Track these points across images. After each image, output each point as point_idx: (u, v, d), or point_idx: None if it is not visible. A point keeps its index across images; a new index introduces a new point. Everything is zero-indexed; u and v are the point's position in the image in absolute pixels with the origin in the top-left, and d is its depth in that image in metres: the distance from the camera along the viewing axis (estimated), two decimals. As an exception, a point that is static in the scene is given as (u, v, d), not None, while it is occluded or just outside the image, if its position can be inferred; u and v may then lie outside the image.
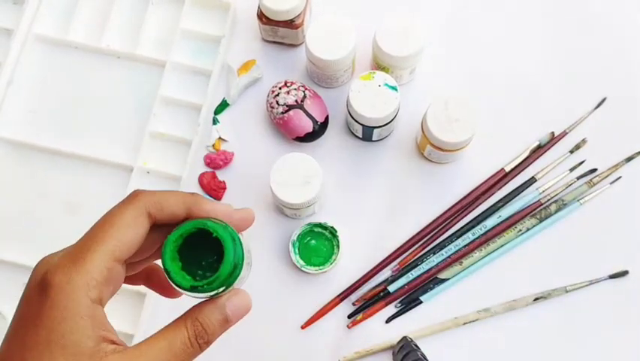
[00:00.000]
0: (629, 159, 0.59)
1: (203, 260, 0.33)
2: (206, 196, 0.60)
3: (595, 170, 0.59)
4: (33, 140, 0.60)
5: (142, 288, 0.57)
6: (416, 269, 0.58)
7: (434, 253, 0.58)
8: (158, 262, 0.34)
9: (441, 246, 0.58)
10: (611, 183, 0.59)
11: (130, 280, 0.35)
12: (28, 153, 0.61)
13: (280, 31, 0.59)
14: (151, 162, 0.60)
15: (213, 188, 0.59)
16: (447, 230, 0.59)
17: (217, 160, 0.60)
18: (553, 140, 0.60)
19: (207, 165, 0.60)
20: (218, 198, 0.59)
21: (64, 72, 0.62)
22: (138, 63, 0.62)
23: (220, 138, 0.61)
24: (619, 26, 0.62)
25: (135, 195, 0.32)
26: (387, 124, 0.56)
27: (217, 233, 0.32)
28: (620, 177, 0.59)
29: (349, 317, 0.57)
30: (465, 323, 0.56)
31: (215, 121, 0.61)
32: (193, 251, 0.33)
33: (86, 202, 0.59)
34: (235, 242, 0.33)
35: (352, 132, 0.60)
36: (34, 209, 0.60)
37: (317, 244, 0.57)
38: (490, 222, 0.58)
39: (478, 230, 0.58)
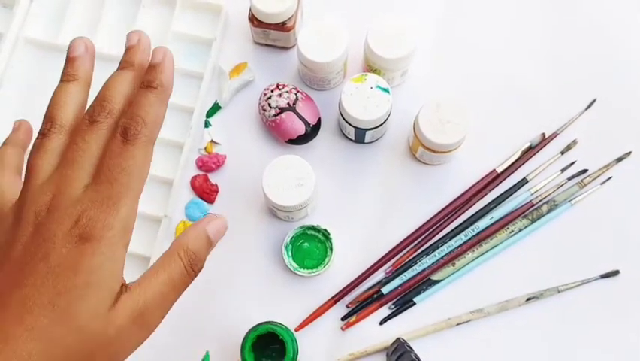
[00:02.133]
0: (619, 160, 0.60)
1: (267, 347, 0.52)
2: (199, 199, 0.59)
3: (585, 171, 0.59)
4: (23, 144, 0.60)
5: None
6: (409, 271, 0.58)
7: (427, 255, 0.58)
8: None
9: (434, 247, 0.58)
10: (601, 184, 0.59)
11: None
12: (18, 157, 0.60)
13: (272, 33, 0.59)
14: (143, 165, 0.59)
15: (205, 191, 0.59)
16: (440, 231, 0.59)
17: (209, 163, 0.60)
18: (544, 141, 0.60)
19: (199, 168, 0.60)
20: (210, 200, 0.59)
21: (55, 76, 0.61)
22: (129, 66, 0.62)
23: (212, 140, 0.61)
24: (609, 29, 0.62)
25: None
26: (379, 126, 0.56)
27: (282, 337, 0.51)
28: (610, 178, 0.59)
29: (343, 319, 0.57)
30: (458, 324, 0.56)
31: (207, 124, 0.61)
32: (260, 341, 0.51)
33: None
34: (293, 342, 0.52)
35: (344, 134, 0.60)
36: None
37: (310, 246, 0.57)
38: (483, 224, 0.58)
39: (471, 231, 0.58)
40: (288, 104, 0.58)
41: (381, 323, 0.57)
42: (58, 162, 0.33)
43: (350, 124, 0.56)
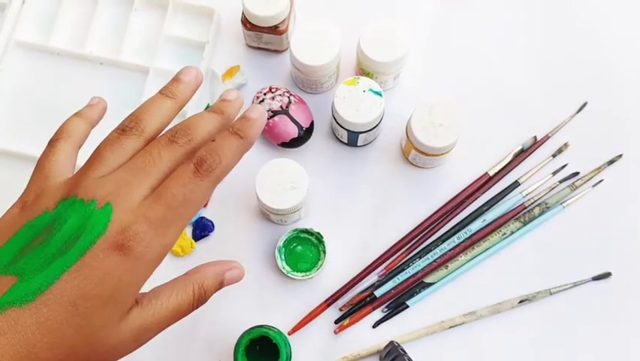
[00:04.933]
0: (610, 162, 0.60)
1: (260, 351, 0.52)
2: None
3: (577, 173, 0.60)
4: (15, 147, 0.59)
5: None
6: (402, 274, 0.58)
7: (420, 258, 0.58)
8: None
9: (426, 250, 0.58)
10: (593, 186, 0.59)
11: None
12: (9, 161, 0.60)
13: (264, 37, 0.59)
14: (135, 168, 0.59)
15: (198, 194, 0.59)
16: (432, 234, 0.59)
17: (202, 166, 0.60)
18: (536, 144, 0.60)
19: (192, 171, 0.60)
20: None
21: (47, 79, 0.62)
22: (121, 69, 0.61)
23: (205, 144, 0.60)
24: (600, 32, 0.63)
25: None
26: (372, 129, 0.56)
27: (275, 340, 0.51)
28: (602, 180, 0.59)
29: (336, 322, 0.57)
30: (451, 327, 0.56)
31: (199, 127, 0.61)
32: (253, 344, 0.52)
33: (69, 210, 0.59)
34: (286, 346, 0.52)
35: (337, 138, 0.60)
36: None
37: (303, 249, 0.57)
38: (475, 226, 0.59)
39: (463, 234, 0.58)
40: (281, 107, 0.57)
41: (375, 326, 0.57)
42: (125, 162, 0.33)
43: (343, 127, 0.56)
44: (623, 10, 0.63)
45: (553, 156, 0.60)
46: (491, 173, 0.60)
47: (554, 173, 0.60)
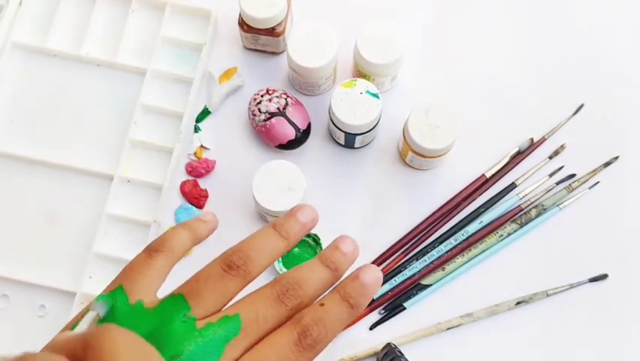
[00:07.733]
0: (606, 165, 0.60)
1: None
2: (188, 204, 0.59)
3: (574, 175, 0.60)
4: (11, 149, 0.59)
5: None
6: (399, 275, 0.58)
7: (417, 259, 0.58)
8: None
9: (424, 252, 0.58)
10: (589, 188, 0.59)
11: None
12: (6, 162, 0.60)
13: (261, 38, 0.59)
14: (132, 170, 0.59)
15: (195, 196, 0.59)
16: (429, 236, 0.59)
17: (199, 168, 0.60)
18: (533, 146, 0.60)
19: (189, 173, 0.60)
20: (199, 206, 0.59)
21: (43, 80, 0.62)
22: (118, 71, 0.61)
23: (202, 145, 0.60)
24: (597, 35, 0.63)
25: None
26: (369, 131, 0.56)
27: None
28: (598, 182, 0.60)
29: (333, 324, 0.57)
30: (448, 329, 0.57)
31: (196, 129, 0.61)
32: None
33: (66, 212, 0.59)
34: None
35: (334, 139, 0.60)
36: (11, 219, 0.59)
37: (300, 252, 0.57)
38: (472, 228, 0.59)
39: (460, 236, 0.58)
40: (278, 109, 0.58)
41: (372, 328, 0.57)
42: (222, 306, 0.30)
43: (340, 129, 0.56)
44: (619, 13, 0.64)
45: (550, 157, 0.60)
46: (488, 175, 0.60)
47: (551, 175, 0.60)
